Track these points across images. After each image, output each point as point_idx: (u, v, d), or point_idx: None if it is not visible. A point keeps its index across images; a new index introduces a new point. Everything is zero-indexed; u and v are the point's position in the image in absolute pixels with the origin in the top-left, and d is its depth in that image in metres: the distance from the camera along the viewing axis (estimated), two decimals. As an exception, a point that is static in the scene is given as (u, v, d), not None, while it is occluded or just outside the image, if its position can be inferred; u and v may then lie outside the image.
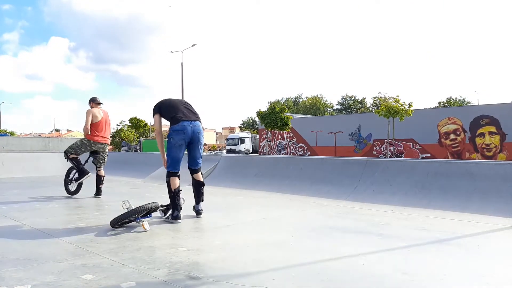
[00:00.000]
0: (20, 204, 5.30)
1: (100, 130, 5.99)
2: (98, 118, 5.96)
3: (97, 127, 5.97)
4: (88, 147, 5.99)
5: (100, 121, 5.97)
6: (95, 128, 5.95)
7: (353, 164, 6.35)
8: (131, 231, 3.61)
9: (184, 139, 4.18)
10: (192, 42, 75.49)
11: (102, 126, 6.01)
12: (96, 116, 5.95)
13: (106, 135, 6.13)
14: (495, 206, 4.50)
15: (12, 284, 2.21)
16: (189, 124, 4.20)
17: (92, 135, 5.92)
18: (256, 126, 57.21)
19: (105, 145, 6.14)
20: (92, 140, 5.92)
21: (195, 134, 4.24)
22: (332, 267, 2.52)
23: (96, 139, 5.97)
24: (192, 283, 2.24)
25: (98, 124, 5.97)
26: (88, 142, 5.94)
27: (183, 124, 4.17)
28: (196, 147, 4.35)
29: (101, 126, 6.00)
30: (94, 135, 5.93)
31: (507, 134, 19.46)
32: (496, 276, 2.40)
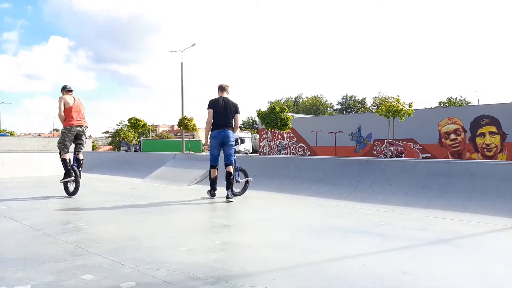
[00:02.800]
0: (20, 204, 5.30)
1: (74, 115, 6.16)
2: (70, 103, 6.14)
3: (70, 112, 6.14)
4: (69, 135, 6.15)
5: (72, 106, 6.15)
6: (69, 114, 6.13)
7: (353, 164, 6.34)
8: (131, 230, 3.61)
9: (217, 142, 5.82)
10: (192, 42, 75.49)
11: (75, 110, 6.18)
12: (67, 102, 6.14)
13: (81, 117, 6.27)
14: (495, 206, 4.50)
15: (12, 284, 2.21)
16: (220, 132, 5.78)
17: (68, 121, 6.11)
18: (256, 126, 57.24)
19: (83, 128, 6.26)
20: (69, 126, 6.10)
21: (225, 139, 5.79)
22: (332, 267, 2.52)
23: (72, 123, 6.13)
24: (192, 283, 2.24)
25: (70, 109, 6.14)
26: (67, 130, 6.12)
27: (216, 132, 5.82)
28: (228, 148, 5.83)
29: (74, 111, 6.16)
30: (69, 121, 6.12)
31: (508, 134, 19.45)
32: (496, 276, 2.40)
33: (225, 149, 5.87)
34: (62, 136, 6.19)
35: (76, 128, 6.14)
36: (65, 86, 6.38)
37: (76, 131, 6.16)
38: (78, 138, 6.27)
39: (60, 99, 6.15)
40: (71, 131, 6.12)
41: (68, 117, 6.13)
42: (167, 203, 5.49)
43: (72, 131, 6.12)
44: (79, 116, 6.23)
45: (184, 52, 44.50)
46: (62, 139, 6.18)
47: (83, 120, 6.29)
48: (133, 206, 5.16)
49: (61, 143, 6.18)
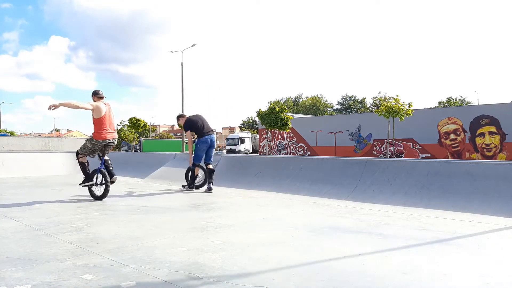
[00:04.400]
0: (20, 204, 5.30)
1: (106, 125, 5.67)
2: (102, 112, 5.64)
3: (103, 122, 5.65)
4: (99, 145, 5.71)
5: (104, 115, 5.65)
6: (101, 124, 5.63)
7: (353, 164, 6.34)
8: (131, 230, 3.61)
9: (206, 146, 6.96)
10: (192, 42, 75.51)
11: (106, 121, 5.68)
12: (100, 111, 5.62)
13: (113, 128, 5.83)
14: (495, 206, 4.50)
15: (12, 284, 2.21)
16: (209, 137, 7.01)
17: (99, 133, 5.62)
18: (256, 126, 57.23)
19: (115, 140, 5.81)
20: (101, 139, 5.64)
21: (212, 142, 7.05)
22: (332, 267, 2.52)
23: (104, 136, 5.65)
24: (192, 283, 2.24)
25: (103, 119, 5.64)
26: (98, 142, 5.66)
27: (206, 137, 6.97)
28: (211, 149, 7.08)
29: (106, 121, 5.68)
30: (101, 133, 5.63)
31: (507, 134, 19.45)
32: (496, 276, 2.40)
33: (210, 151, 7.05)
34: (91, 146, 5.68)
35: (106, 140, 5.68)
36: (97, 91, 5.85)
37: (106, 143, 5.71)
38: (107, 146, 5.79)
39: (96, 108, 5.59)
40: (102, 143, 5.69)
41: (100, 128, 5.62)
42: (167, 203, 5.49)
43: (103, 143, 5.69)
44: (111, 126, 5.76)
45: (184, 52, 44.53)
46: (90, 149, 5.71)
47: (114, 132, 5.81)
48: (133, 206, 5.16)
49: (89, 152, 5.74)
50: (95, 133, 5.63)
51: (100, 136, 5.61)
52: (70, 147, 29.10)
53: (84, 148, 5.72)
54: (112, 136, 5.72)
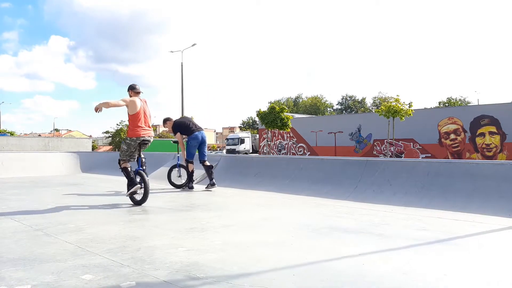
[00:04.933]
0: (20, 204, 5.30)
1: (141, 122, 5.29)
2: (137, 108, 5.24)
3: (138, 119, 5.25)
4: (135, 145, 5.30)
5: (139, 111, 5.26)
6: (136, 121, 5.24)
7: (353, 164, 6.34)
8: (131, 230, 3.61)
9: (197, 142, 7.04)
10: (192, 42, 75.53)
11: (141, 117, 5.30)
12: (135, 107, 5.22)
13: (148, 126, 5.42)
14: (495, 206, 4.50)
15: (12, 284, 2.21)
16: (199, 133, 7.09)
17: (134, 130, 5.24)
18: (256, 126, 57.24)
19: (151, 138, 5.41)
20: (135, 136, 5.24)
21: (203, 139, 7.13)
22: (332, 267, 2.52)
23: (139, 133, 5.25)
24: (192, 283, 2.24)
25: (138, 115, 5.25)
26: (133, 141, 5.26)
27: (196, 134, 7.04)
28: (203, 146, 7.15)
29: (141, 117, 5.30)
30: (136, 130, 5.24)
31: (507, 134, 19.45)
32: (496, 276, 2.40)
33: (202, 148, 7.14)
34: (127, 146, 5.28)
35: (141, 138, 5.27)
36: (134, 86, 5.44)
37: (141, 140, 5.28)
38: (142, 144, 5.37)
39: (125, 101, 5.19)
40: (136, 142, 5.27)
41: (134, 126, 5.24)
42: (167, 203, 5.49)
43: (138, 141, 5.27)
44: (146, 123, 5.36)
45: (184, 52, 44.54)
46: (127, 150, 5.30)
47: (150, 130, 5.42)
48: (133, 206, 5.16)
49: (127, 155, 5.32)
50: (129, 130, 5.29)
51: (134, 133, 5.23)
52: (70, 147, 29.11)
53: (121, 152, 5.33)
54: (147, 134, 5.32)
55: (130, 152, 5.29)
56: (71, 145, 30.03)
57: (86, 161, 12.20)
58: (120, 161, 5.35)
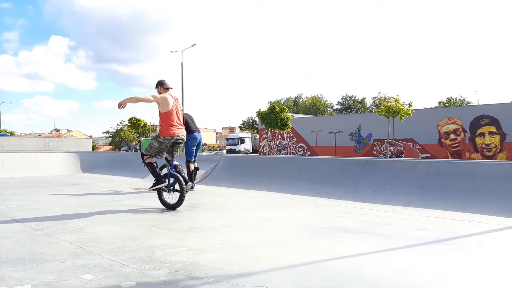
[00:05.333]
0: (20, 204, 5.30)
1: (174, 120, 4.98)
2: (169, 106, 4.94)
3: (170, 117, 4.95)
4: (167, 144, 4.98)
5: (171, 109, 4.97)
6: (168, 119, 4.94)
7: (353, 164, 6.35)
8: (131, 230, 3.61)
9: (196, 142, 7.13)
10: (192, 42, 75.53)
11: (174, 115, 5.00)
12: (167, 104, 4.92)
13: (181, 124, 5.13)
14: (495, 205, 4.50)
15: (12, 284, 2.21)
16: (198, 134, 7.19)
17: (166, 129, 4.92)
18: (256, 126, 57.26)
19: (184, 137, 5.11)
20: (169, 136, 4.92)
21: (200, 140, 7.24)
22: (332, 267, 2.52)
23: (172, 132, 4.94)
24: (192, 283, 2.24)
25: (170, 113, 4.95)
26: (166, 140, 4.94)
27: (195, 134, 7.09)
28: (198, 147, 7.24)
29: (173, 115, 4.99)
30: (168, 128, 4.92)
31: (507, 134, 19.45)
32: (496, 276, 2.40)
33: (197, 149, 7.26)
34: (159, 144, 4.96)
35: (175, 137, 4.96)
36: (163, 81, 5.09)
37: (174, 139, 4.98)
38: (175, 144, 5.06)
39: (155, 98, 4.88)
40: (170, 141, 4.96)
41: (166, 124, 4.93)
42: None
43: (172, 141, 4.97)
44: (179, 121, 5.06)
45: (184, 52, 44.54)
46: (158, 148, 4.98)
47: (183, 128, 5.12)
48: (133, 206, 5.16)
49: (155, 152, 5.00)
50: (162, 129, 4.98)
51: (168, 132, 4.92)
52: (70, 147, 29.11)
53: (150, 148, 5.01)
54: (181, 132, 5.04)
55: (160, 150, 5.00)
56: (71, 145, 30.03)
57: (86, 161, 12.21)
58: (143, 156, 5.06)
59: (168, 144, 4.97)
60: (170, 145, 5.00)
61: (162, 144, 4.96)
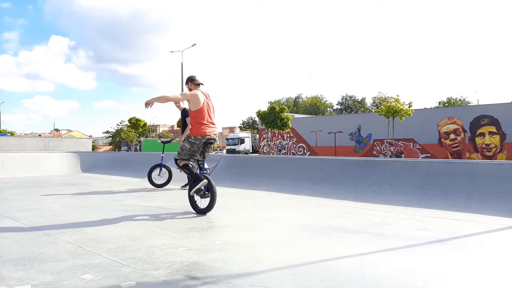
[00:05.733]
0: (20, 204, 5.30)
1: (206, 118, 4.63)
2: (201, 103, 4.58)
3: (201, 114, 4.59)
4: (199, 144, 4.64)
5: (203, 106, 4.61)
6: (199, 117, 4.59)
7: (353, 164, 6.35)
8: (131, 230, 3.61)
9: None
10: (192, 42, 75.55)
11: (205, 113, 4.64)
12: (198, 101, 4.56)
13: (213, 122, 4.77)
14: (495, 205, 4.50)
15: (12, 284, 2.21)
16: None
17: (198, 127, 4.59)
18: (256, 126, 57.26)
19: (216, 136, 4.78)
20: (200, 135, 4.58)
21: None
22: (332, 267, 2.52)
23: (204, 131, 4.58)
24: (192, 283, 2.24)
25: (201, 110, 4.59)
26: (197, 140, 4.60)
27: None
28: None
29: (205, 113, 4.63)
30: (200, 127, 4.58)
31: (507, 134, 19.45)
32: (496, 276, 2.40)
33: None
34: (190, 145, 4.61)
35: (206, 136, 4.61)
36: (193, 77, 4.76)
37: (206, 139, 4.63)
38: (207, 144, 4.73)
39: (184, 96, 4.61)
40: (201, 141, 4.62)
41: (198, 123, 4.59)
42: (167, 203, 5.49)
43: (204, 140, 4.62)
44: (210, 119, 4.70)
45: (184, 52, 44.55)
46: (190, 150, 4.63)
47: (215, 127, 4.77)
48: (133, 206, 5.16)
49: (188, 154, 4.66)
50: (192, 128, 4.64)
51: (199, 131, 4.57)
52: (70, 147, 29.11)
53: (182, 150, 4.68)
54: (213, 131, 4.69)
55: (193, 151, 4.65)
56: (71, 145, 30.03)
57: (86, 161, 12.21)
58: (176, 160, 4.76)
59: (200, 144, 4.63)
60: (202, 145, 4.66)
61: (193, 145, 4.60)
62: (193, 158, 4.72)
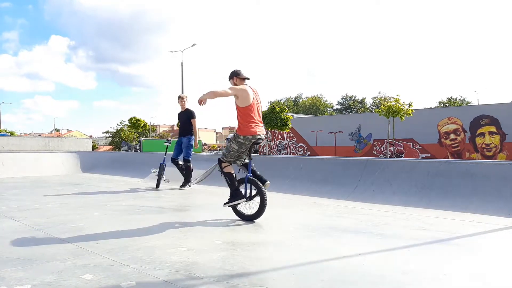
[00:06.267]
0: (20, 204, 5.30)
1: (255, 117, 4.20)
2: (250, 99, 4.14)
3: (250, 112, 4.15)
4: (247, 144, 4.18)
5: (252, 103, 4.16)
6: (248, 115, 4.14)
7: (353, 164, 6.34)
8: (131, 230, 3.61)
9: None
10: (192, 42, 75.52)
11: (255, 110, 4.21)
12: (247, 97, 4.12)
13: (261, 120, 4.35)
14: (495, 206, 4.50)
15: (12, 284, 2.21)
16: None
17: (247, 126, 4.13)
18: (256, 126, 57.11)
19: (264, 136, 4.32)
20: (250, 134, 4.12)
21: None
22: (332, 267, 2.52)
23: (254, 130, 4.14)
24: (192, 283, 2.24)
25: (250, 108, 4.15)
26: (247, 140, 4.14)
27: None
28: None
29: (254, 111, 4.19)
30: (250, 126, 4.13)
31: (507, 134, 19.46)
32: (495, 276, 2.40)
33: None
34: (238, 146, 4.17)
35: (256, 136, 4.15)
36: (238, 71, 4.34)
37: (256, 139, 4.17)
38: (255, 144, 4.28)
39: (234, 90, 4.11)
40: (251, 141, 4.15)
41: (248, 121, 4.14)
42: (167, 203, 5.48)
43: (253, 140, 4.16)
44: (259, 118, 4.28)
45: (184, 52, 44.52)
46: (237, 151, 4.20)
47: (263, 126, 4.35)
48: (133, 206, 5.16)
49: (235, 156, 4.24)
50: (241, 126, 4.18)
51: (248, 130, 4.12)
52: (70, 147, 29.12)
53: (228, 152, 4.24)
54: (261, 131, 4.26)
55: (240, 153, 4.22)
56: (71, 145, 30.04)
57: (86, 161, 12.20)
58: (221, 162, 4.32)
59: (249, 145, 4.19)
60: (250, 146, 4.22)
61: (242, 145, 4.16)
62: (239, 160, 4.31)
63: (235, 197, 4.15)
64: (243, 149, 4.21)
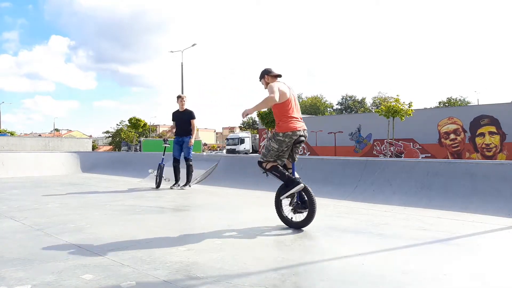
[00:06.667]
0: (20, 204, 5.30)
1: (294, 113, 3.99)
2: (287, 95, 3.94)
3: (289, 108, 3.95)
4: (288, 142, 3.91)
5: (289, 98, 3.96)
6: (287, 111, 3.94)
7: (353, 164, 6.34)
8: (131, 230, 3.61)
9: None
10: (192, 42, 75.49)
11: (293, 106, 4.00)
12: (284, 94, 3.89)
13: (301, 116, 4.14)
14: (495, 206, 4.50)
15: (12, 284, 2.21)
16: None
17: (287, 122, 3.90)
18: (256, 126, 57.24)
19: (306, 133, 4.06)
20: (291, 131, 3.87)
21: None
22: (332, 267, 2.52)
23: (295, 126, 3.90)
24: (192, 283, 2.24)
25: (288, 103, 3.95)
26: (287, 137, 3.87)
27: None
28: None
29: (291, 106, 3.98)
30: (290, 122, 3.90)
31: (507, 134, 19.46)
32: (495, 276, 2.40)
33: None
34: (278, 145, 3.89)
35: (297, 133, 3.90)
36: (269, 69, 4.14)
37: (297, 136, 3.91)
38: (296, 143, 3.99)
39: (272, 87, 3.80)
40: (292, 138, 3.89)
41: (286, 116, 3.93)
42: (167, 203, 5.48)
43: (294, 137, 3.90)
44: (298, 113, 4.07)
45: (184, 52, 44.48)
46: (278, 150, 3.92)
47: (303, 122, 4.11)
48: (133, 206, 5.16)
49: (276, 155, 3.96)
50: (279, 123, 3.95)
51: (287, 126, 3.89)
52: (70, 147, 29.13)
53: (268, 151, 3.98)
54: (302, 126, 4.01)
55: (281, 151, 3.94)
56: (71, 145, 30.05)
57: (86, 161, 12.20)
58: (261, 164, 4.08)
59: (290, 142, 3.90)
60: (292, 144, 3.94)
61: (282, 143, 3.88)
62: (281, 160, 4.01)
63: (291, 185, 3.82)
64: (284, 148, 3.93)
